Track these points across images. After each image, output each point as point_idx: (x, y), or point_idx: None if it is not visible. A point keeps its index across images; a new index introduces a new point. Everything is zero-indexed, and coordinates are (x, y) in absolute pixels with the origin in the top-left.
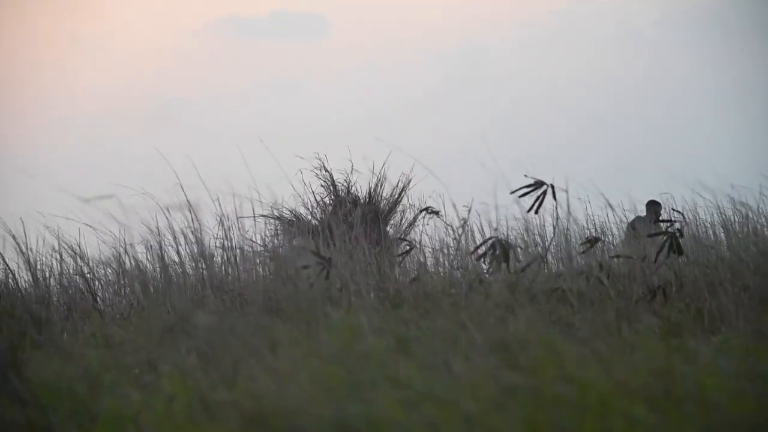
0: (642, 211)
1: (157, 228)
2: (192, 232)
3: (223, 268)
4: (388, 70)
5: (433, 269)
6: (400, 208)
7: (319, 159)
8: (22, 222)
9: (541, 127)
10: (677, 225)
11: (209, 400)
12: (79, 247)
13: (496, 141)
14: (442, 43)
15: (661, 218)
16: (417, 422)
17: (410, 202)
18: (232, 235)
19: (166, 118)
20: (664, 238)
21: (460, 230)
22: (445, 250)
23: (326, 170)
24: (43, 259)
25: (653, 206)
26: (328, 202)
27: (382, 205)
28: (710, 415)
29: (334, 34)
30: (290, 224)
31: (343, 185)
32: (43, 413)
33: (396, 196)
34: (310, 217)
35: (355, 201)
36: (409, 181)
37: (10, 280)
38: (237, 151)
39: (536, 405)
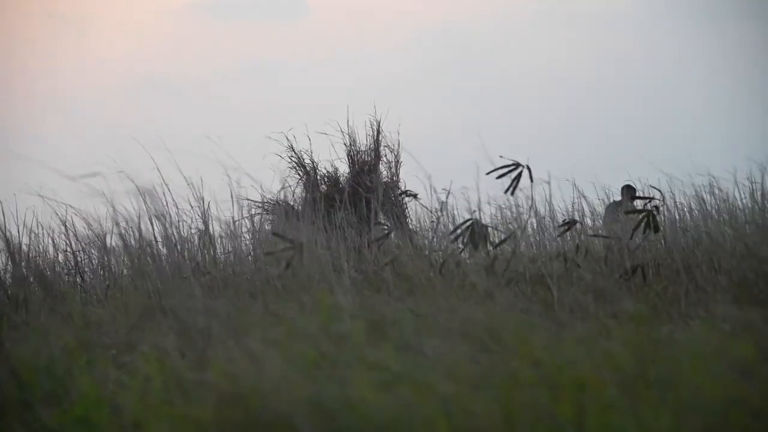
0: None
1: (137, 209)
2: (168, 215)
3: (200, 250)
4: (367, 50)
5: (410, 252)
6: (382, 189)
7: (288, 139)
8: (0, 203)
9: (524, 112)
10: (655, 203)
11: (186, 381)
12: (65, 226)
13: (478, 123)
14: (421, 23)
15: (638, 196)
16: (392, 403)
17: (396, 185)
18: (208, 217)
19: (145, 97)
20: (641, 216)
21: (438, 213)
22: (424, 233)
23: (294, 151)
24: (23, 238)
25: (628, 191)
26: (299, 183)
27: (367, 184)
28: (684, 399)
29: (313, 15)
30: (269, 207)
31: (312, 166)
32: (21, 392)
33: (380, 175)
34: (288, 200)
35: (336, 182)
36: (398, 163)
37: None
38: (213, 132)
39: (511, 387)
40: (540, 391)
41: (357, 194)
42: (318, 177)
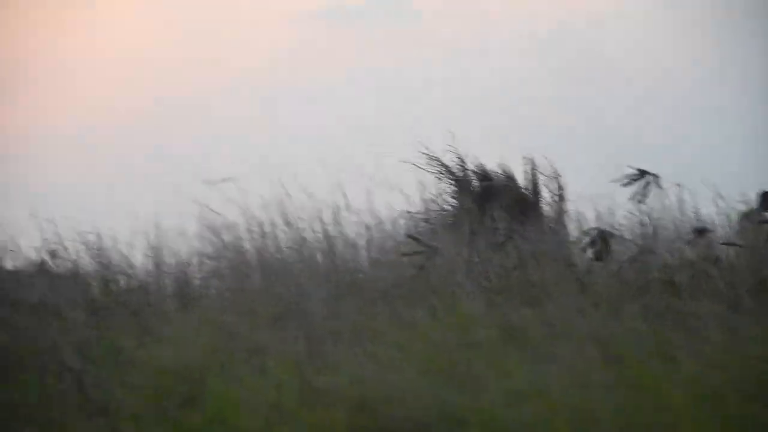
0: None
1: (268, 216)
2: (298, 221)
3: (328, 256)
4: (481, 56)
5: (539, 259)
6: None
7: (427, 149)
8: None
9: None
10: None
11: (316, 386)
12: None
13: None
14: (535, 27)
15: None
16: (523, 414)
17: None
18: (338, 222)
19: (270, 106)
20: None
21: (561, 220)
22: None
23: (433, 157)
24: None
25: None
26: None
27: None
28: None
29: (423, 21)
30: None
31: (462, 172)
32: (157, 397)
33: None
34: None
35: (489, 189)
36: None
37: (127, 269)
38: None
39: (640, 399)
40: (674, 400)
41: (488, 200)
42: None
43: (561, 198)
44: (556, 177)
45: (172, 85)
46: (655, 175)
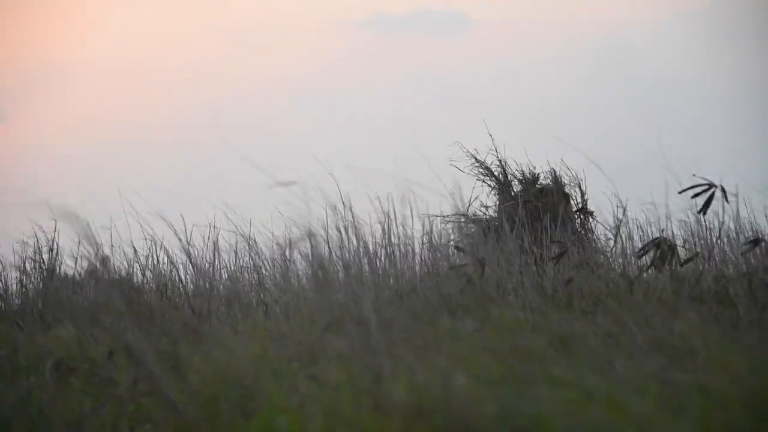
0: None
1: (326, 222)
2: (353, 228)
3: (384, 263)
4: (531, 65)
5: (589, 270)
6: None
7: (471, 152)
8: (182, 218)
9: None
10: None
11: (374, 393)
12: (252, 238)
13: (657, 136)
14: (586, 34)
15: None
16: (585, 422)
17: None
18: (392, 232)
19: (316, 112)
20: None
21: (615, 230)
22: (604, 250)
23: (478, 160)
24: (204, 251)
25: None
26: (494, 195)
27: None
28: None
29: (473, 28)
30: (458, 221)
31: (503, 173)
32: (212, 403)
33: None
34: (481, 214)
35: (539, 192)
36: (581, 181)
37: (173, 273)
38: (388, 145)
39: (708, 406)
40: (738, 410)
41: (535, 210)
42: (511, 184)
43: (617, 206)
44: (613, 186)
45: (232, 91)
46: (722, 187)
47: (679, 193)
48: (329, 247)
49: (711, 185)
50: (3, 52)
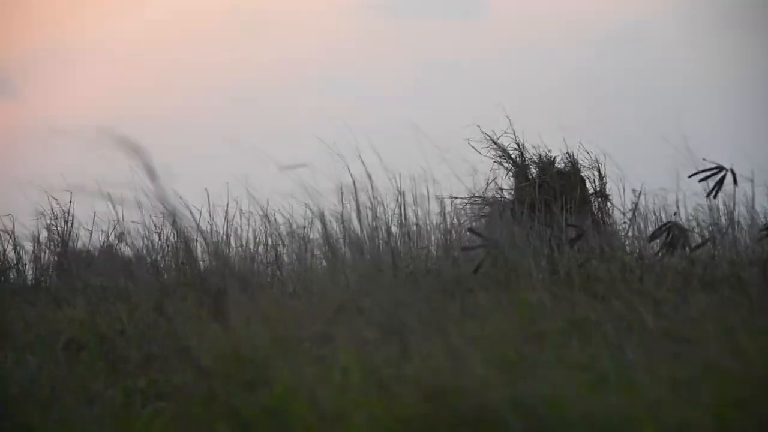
0: None
1: (342, 202)
2: (369, 208)
3: (398, 243)
4: (548, 50)
5: (606, 254)
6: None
7: (488, 134)
8: (207, 192)
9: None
10: None
11: (385, 375)
12: (267, 217)
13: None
14: (603, 22)
15: None
16: (599, 403)
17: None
18: (407, 212)
19: (324, 95)
20: None
21: (630, 214)
22: (617, 234)
23: (496, 143)
24: (223, 228)
25: None
26: (510, 178)
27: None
28: None
29: (492, 15)
30: (481, 203)
31: (520, 155)
32: (223, 382)
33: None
34: (498, 195)
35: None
36: (600, 165)
37: (190, 250)
38: (397, 130)
39: (720, 386)
40: (750, 388)
41: (549, 193)
42: (528, 166)
43: (632, 192)
44: (621, 171)
45: (239, 73)
46: (732, 171)
47: (689, 177)
48: (343, 227)
49: (721, 168)
50: (17, 30)
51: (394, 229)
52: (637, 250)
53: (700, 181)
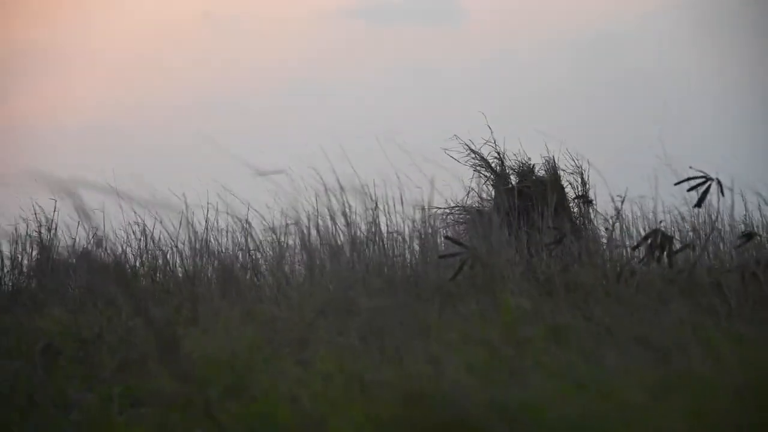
0: None
1: (316, 209)
2: (346, 216)
3: (372, 251)
4: (524, 57)
5: (585, 259)
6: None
7: (467, 143)
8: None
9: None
10: None
11: (365, 379)
12: (247, 222)
13: (651, 130)
14: (581, 26)
15: None
16: (576, 410)
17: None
18: (380, 221)
19: (302, 101)
20: None
21: (612, 221)
22: (599, 241)
23: (474, 152)
24: (200, 234)
25: None
26: (486, 186)
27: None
28: None
29: (470, 19)
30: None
31: (500, 163)
32: (201, 388)
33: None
34: (474, 204)
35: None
36: (583, 170)
37: (168, 255)
38: (375, 137)
39: (697, 394)
40: (727, 397)
41: (528, 198)
42: (508, 175)
43: (613, 199)
44: (604, 179)
45: (216, 78)
46: (718, 180)
47: (675, 185)
48: (319, 235)
49: (707, 178)
50: (2, 32)
51: (369, 235)
52: (621, 256)
53: (689, 190)
